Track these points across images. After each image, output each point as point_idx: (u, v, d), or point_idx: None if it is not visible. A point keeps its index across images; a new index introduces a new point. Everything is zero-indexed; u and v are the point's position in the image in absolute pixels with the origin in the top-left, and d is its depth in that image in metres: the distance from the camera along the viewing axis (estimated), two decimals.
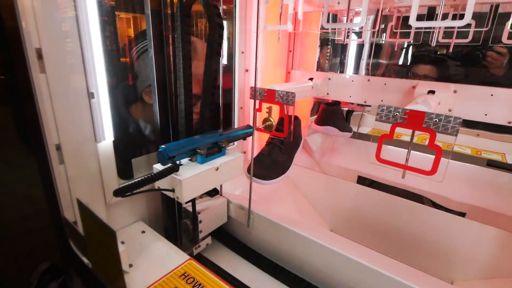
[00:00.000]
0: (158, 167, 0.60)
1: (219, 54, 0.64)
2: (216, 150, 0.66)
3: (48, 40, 0.49)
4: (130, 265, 0.59)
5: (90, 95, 0.57)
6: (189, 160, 0.64)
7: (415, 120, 0.59)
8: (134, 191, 0.53)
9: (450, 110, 0.87)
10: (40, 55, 0.48)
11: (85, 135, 0.58)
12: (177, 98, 0.69)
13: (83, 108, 0.57)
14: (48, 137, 0.52)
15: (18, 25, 0.47)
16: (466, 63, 1.60)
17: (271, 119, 0.73)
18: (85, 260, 0.55)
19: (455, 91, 0.85)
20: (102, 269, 0.50)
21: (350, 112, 1.51)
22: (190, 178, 0.58)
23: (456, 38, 1.05)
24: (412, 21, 0.65)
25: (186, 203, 0.68)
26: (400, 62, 1.81)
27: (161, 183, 0.61)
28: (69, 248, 0.58)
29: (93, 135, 0.60)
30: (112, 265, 0.45)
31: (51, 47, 0.50)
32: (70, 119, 0.55)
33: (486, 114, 0.82)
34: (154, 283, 0.55)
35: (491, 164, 1.16)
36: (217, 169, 0.63)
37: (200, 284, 0.55)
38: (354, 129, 1.30)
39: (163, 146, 0.57)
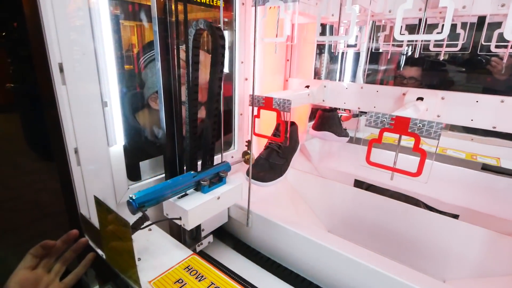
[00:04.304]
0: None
1: (222, 72, 0.70)
2: (218, 179, 0.73)
3: (68, 55, 0.55)
4: (139, 259, 0.64)
5: (104, 104, 0.64)
6: (194, 190, 0.70)
7: (401, 125, 0.63)
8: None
9: (438, 116, 0.90)
10: (61, 69, 0.55)
11: (99, 140, 0.64)
12: (182, 105, 0.74)
13: (98, 116, 0.63)
14: (68, 142, 0.58)
15: (44, 40, 0.53)
16: (469, 69, 1.64)
17: (249, 152, 0.78)
18: (100, 251, 0.61)
19: (442, 98, 0.89)
20: (116, 258, 0.56)
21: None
22: (195, 208, 0.63)
23: (447, 46, 1.10)
24: (396, 35, 0.70)
25: None
26: (400, 69, 1.85)
27: (169, 211, 0.67)
28: None
29: (106, 140, 0.66)
30: (125, 254, 0.50)
31: (70, 61, 0.56)
32: (86, 126, 0.61)
33: (472, 120, 0.85)
34: (161, 274, 0.60)
35: (486, 168, 1.19)
36: (218, 198, 0.69)
37: (202, 276, 0.60)
38: (352, 134, 1.34)
39: (132, 196, 0.56)
